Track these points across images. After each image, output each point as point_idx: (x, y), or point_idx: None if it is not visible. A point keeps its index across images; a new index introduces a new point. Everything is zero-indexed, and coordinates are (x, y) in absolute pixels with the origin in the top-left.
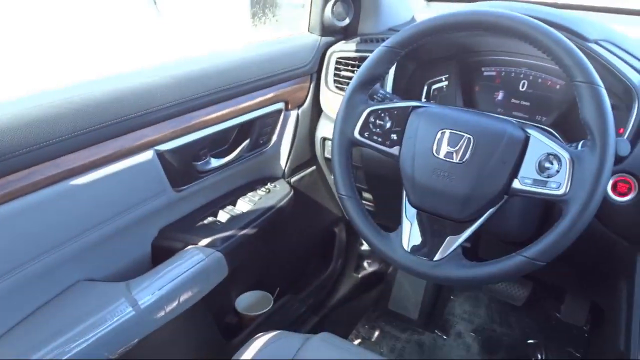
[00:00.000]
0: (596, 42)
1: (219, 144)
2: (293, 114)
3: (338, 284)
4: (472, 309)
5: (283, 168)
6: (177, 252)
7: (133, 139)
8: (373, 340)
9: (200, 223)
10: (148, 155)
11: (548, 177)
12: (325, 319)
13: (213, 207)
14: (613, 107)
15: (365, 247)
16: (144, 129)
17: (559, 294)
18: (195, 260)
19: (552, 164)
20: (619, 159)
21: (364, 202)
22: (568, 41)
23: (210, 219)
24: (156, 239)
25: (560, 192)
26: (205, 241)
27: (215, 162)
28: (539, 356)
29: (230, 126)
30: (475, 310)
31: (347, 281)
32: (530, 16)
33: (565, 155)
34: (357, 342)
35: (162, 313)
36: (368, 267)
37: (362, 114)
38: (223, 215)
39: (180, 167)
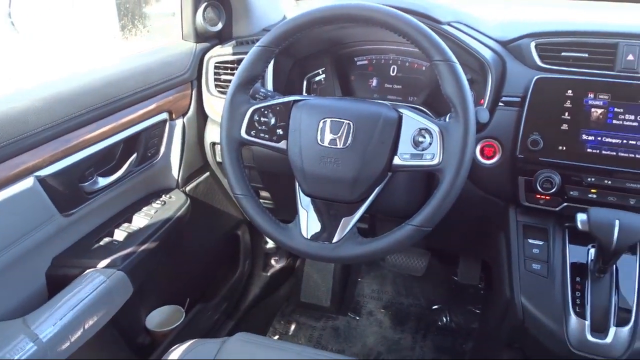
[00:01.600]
0: (449, 24)
1: (105, 161)
2: (178, 122)
3: (249, 285)
4: (380, 287)
5: (176, 178)
6: (74, 278)
7: (9, 168)
8: (290, 334)
9: (97, 245)
10: (28, 182)
11: (423, 150)
12: (241, 322)
13: (108, 227)
14: (472, 81)
15: (270, 245)
16: (20, 155)
17: (454, 259)
18: (96, 283)
19: (424, 137)
20: (481, 126)
21: (262, 201)
22: (423, 25)
23: (106, 239)
24: (50, 268)
25: (435, 162)
26: (104, 262)
27: (103, 181)
28: (444, 319)
29: (114, 142)
30: (383, 288)
31: (258, 281)
32: (388, 5)
33: (434, 128)
34: (275, 338)
35: (68, 343)
36: (276, 264)
37: (246, 114)
38: (120, 234)
39: (66, 191)
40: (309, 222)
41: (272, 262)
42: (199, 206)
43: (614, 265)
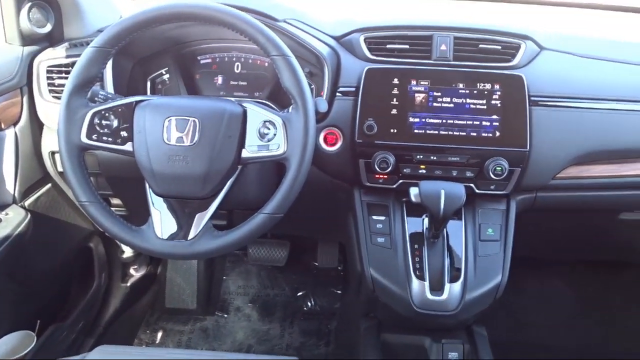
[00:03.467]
0: (285, 21)
1: None
2: (9, 133)
3: (107, 298)
4: (245, 282)
5: (12, 193)
6: None
7: None
8: (157, 342)
9: None
10: None
11: (268, 141)
12: (102, 338)
13: None
14: (311, 74)
15: (128, 254)
16: None
17: (313, 246)
18: None
19: (269, 129)
20: (321, 116)
21: (114, 209)
22: (258, 22)
23: None
24: None
25: (281, 151)
26: None
27: None
28: (309, 304)
29: None
30: (248, 283)
31: (117, 293)
32: (225, 4)
33: (277, 119)
34: None
35: None
36: (135, 272)
37: (85, 118)
38: None
39: None
40: (163, 222)
41: (131, 271)
42: (43, 221)
43: (445, 230)
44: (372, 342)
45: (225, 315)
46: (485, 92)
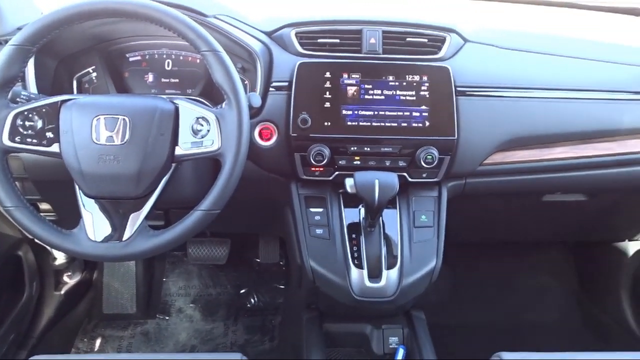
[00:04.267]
0: (215, 17)
1: None
2: None
3: (40, 308)
4: (186, 282)
5: None
6: None
7: None
8: (96, 350)
9: None
10: None
11: (202, 137)
12: (36, 350)
13: None
14: (244, 69)
15: (60, 260)
16: None
17: (254, 242)
18: None
19: (202, 125)
20: (255, 111)
21: (43, 214)
22: (187, 18)
23: None
24: None
25: (215, 147)
26: None
27: None
28: (252, 300)
29: None
30: (189, 283)
31: (50, 302)
32: None
33: (210, 115)
34: None
35: None
36: (69, 280)
37: (6, 119)
38: None
39: None
40: (95, 224)
41: (65, 278)
42: None
43: (381, 219)
44: (315, 332)
45: (167, 318)
46: (414, 84)
